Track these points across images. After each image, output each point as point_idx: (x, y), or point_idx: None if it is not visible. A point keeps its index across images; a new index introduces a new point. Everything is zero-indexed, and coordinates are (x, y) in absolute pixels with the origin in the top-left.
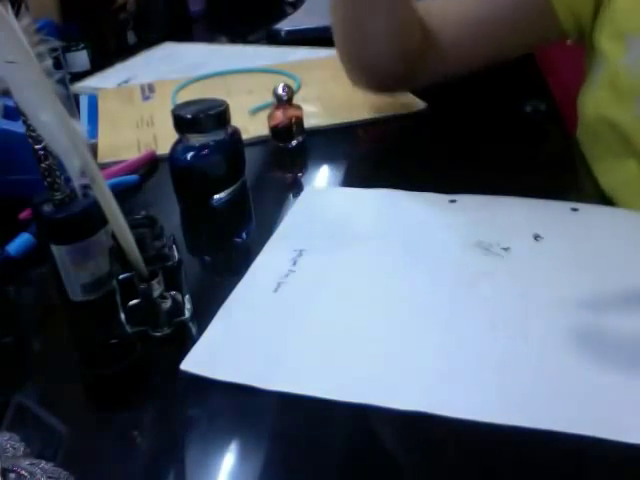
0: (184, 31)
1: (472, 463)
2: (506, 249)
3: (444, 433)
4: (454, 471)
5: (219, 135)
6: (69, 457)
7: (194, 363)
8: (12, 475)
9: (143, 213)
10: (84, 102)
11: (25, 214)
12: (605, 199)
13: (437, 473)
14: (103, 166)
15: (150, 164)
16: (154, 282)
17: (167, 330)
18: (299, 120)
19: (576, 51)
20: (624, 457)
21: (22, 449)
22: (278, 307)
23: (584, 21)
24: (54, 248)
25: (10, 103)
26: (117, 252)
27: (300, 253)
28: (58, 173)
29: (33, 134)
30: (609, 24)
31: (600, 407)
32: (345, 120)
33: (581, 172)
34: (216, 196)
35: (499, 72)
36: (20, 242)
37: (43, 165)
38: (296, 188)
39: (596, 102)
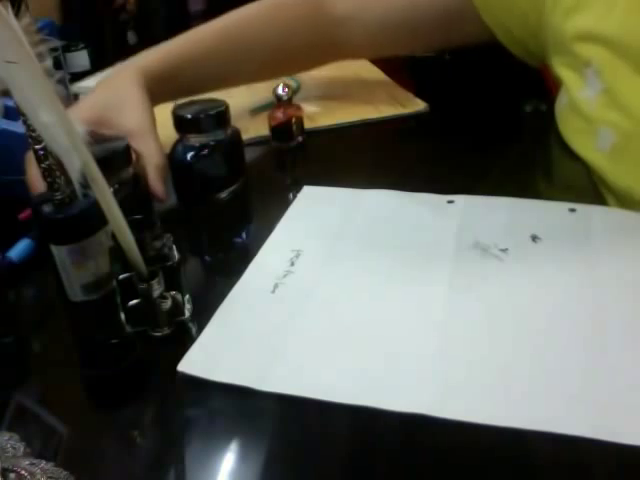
0: (184, 31)
1: (471, 465)
2: (504, 250)
3: (443, 435)
4: (453, 472)
5: (219, 135)
6: (69, 457)
7: (191, 365)
8: (12, 475)
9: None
10: None
11: (25, 214)
12: (604, 200)
13: (436, 474)
14: None
15: None
16: (154, 282)
17: (167, 330)
18: (299, 120)
19: None
20: (623, 458)
21: (22, 449)
22: (275, 308)
23: (531, 48)
24: (54, 248)
25: (10, 103)
26: (117, 252)
27: (298, 254)
28: (58, 173)
29: (33, 134)
30: (564, 54)
31: (600, 408)
32: (345, 120)
33: (580, 172)
34: (216, 196)
35: (499, 72)
36: (22, 248)
37: (43, 165)
38: (296, 188)
39: (562, 128)
